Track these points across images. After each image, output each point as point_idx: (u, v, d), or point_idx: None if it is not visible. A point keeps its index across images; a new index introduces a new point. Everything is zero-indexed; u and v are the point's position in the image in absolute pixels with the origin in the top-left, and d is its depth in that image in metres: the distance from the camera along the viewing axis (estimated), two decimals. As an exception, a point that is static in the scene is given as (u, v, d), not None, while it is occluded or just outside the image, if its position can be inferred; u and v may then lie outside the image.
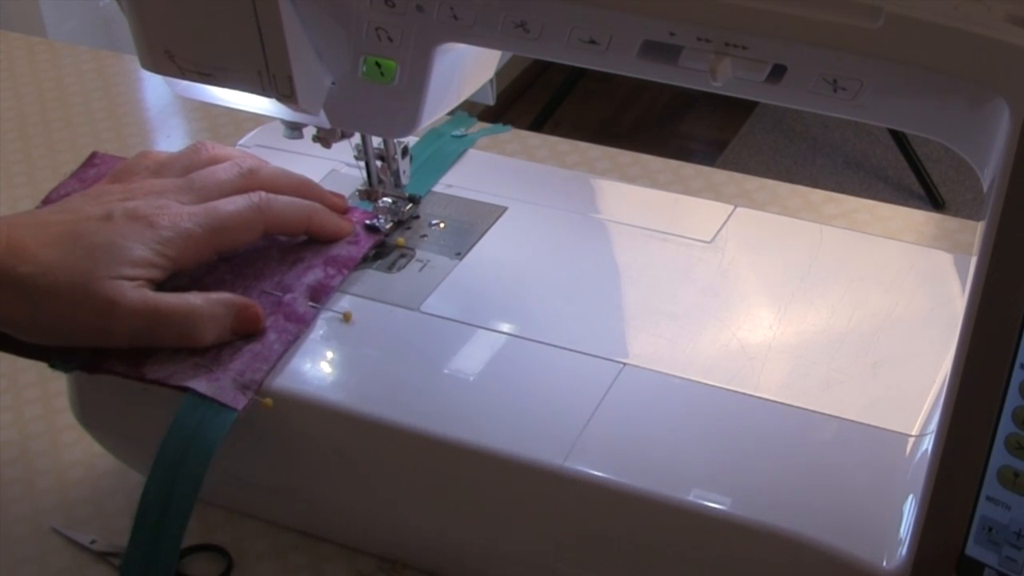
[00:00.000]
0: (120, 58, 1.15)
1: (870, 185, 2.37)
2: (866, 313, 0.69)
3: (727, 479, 0.61)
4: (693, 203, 0.79)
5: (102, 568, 0.71)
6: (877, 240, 0.75)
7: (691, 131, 2.56)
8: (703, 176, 0.95)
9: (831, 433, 0.62)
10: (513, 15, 0.58)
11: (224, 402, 0.64)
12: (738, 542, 0.59)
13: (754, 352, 0.67)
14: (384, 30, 0.62)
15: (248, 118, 0.76)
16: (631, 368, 0.66)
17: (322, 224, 0.73)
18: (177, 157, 0.73)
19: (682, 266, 0.72)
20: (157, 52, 0.67)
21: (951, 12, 0.48)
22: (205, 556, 0.71)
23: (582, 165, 0.98)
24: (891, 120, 0.56)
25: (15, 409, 0.80)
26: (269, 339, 0.67)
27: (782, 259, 0.73)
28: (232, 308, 0.67)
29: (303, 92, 0.65)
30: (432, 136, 0.83)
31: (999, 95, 0.48)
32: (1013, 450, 0.52)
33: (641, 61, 0.56)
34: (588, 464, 0.61)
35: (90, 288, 0.64)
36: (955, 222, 0.92)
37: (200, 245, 0.68)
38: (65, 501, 0.75)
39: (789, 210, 0.91)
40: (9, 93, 1.10)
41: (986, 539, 0.54)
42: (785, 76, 0.54)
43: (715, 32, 0.53)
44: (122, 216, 0.67)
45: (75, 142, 1.04)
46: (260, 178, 0.72)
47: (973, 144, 0.52)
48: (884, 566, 0.57)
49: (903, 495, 0.59)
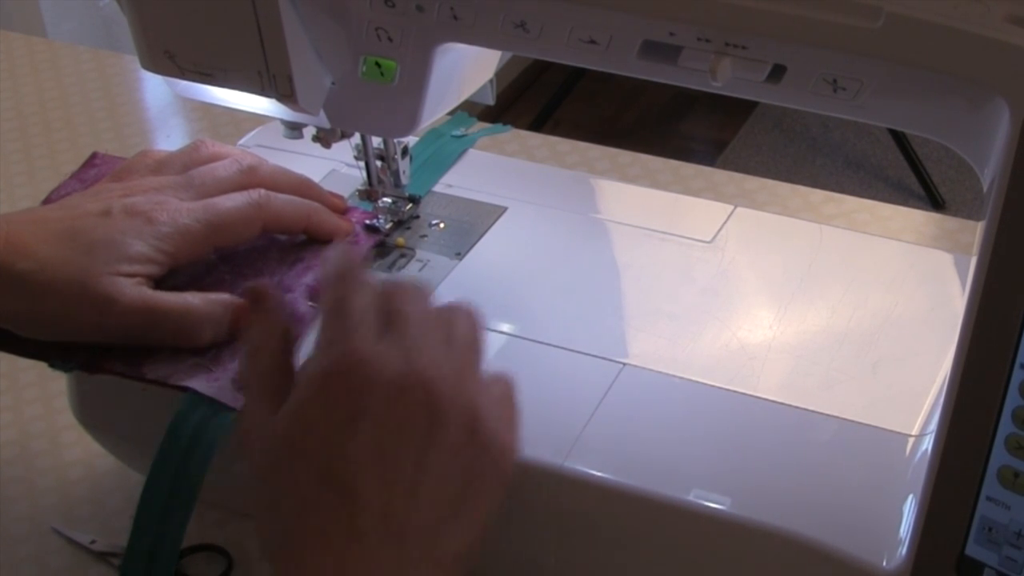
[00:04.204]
0: (120, 58, 1.15)
1: (870, 185, 2.37)
2: (866, 313, 0.69)
3: (727, 479, 0.61)
4: (693, 203, 0.79)
5: (102, 568, 0.71)
6: (877, 240, 0.75)
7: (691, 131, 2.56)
8: (703, 176, 0.95)
9: (831, 433, 0.62)
10: (513, 15, 0.58)
11: (224, 402, 0.64)
12: (738, 542, 0.59)
13: (754, 352, 0.67)
14: (384, 30, 0.62)
15: (248, 118, 0.76)
16: (631, 368, 0.66)
17: (321, 223, 0.73)
18: (177, 155, 0.73)
19: (682, 266, 0.72)
20: (157, 52, 0.67)
21: (951, 12, 0.48)
22: (205, 556, 0.71)
23: (582, 165, 0.98)
24: (891, 120, 0.56)
25: (15, 409, 0.80)
26: (269, 339, 0.67)
27: (782, 259, 0.73)
28: (230, 308, 0.67)
29: (303, 92, 0.65)
30: (432, 136, 0.83)
31: (999, 95, 0.48)
32: (1013, 450, 0.52)
33: (641, 61, 0.56)
34: (588, 464, 0.61)
35: (88, 284, 0.64)
36: (955, 222, 0.92)
37: (199, 241, 0.68)
38: (65, 501, 0.75)
39: (789, 210, 0.91)
40: (9, 93, 1.10)
41: (986, 539, 0.54)
42: (785, 76, 0.54)
43: (715, 32, 0.53)
44: (120, 212, 0.67)
45: (75, 142, 1.04)
46: (259, 176, 0.72)
47: (973, 144, 0.52)
48: (884, 566, 0.57)
49: (903, 495, 0.59)
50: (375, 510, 0.52)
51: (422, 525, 0.53)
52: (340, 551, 0.52)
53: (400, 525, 0.52)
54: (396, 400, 0.53)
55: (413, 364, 0.54)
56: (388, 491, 0.52)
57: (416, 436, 0.53)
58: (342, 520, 0.52)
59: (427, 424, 0.53)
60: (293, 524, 0.53)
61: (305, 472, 0.53)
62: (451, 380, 0.55)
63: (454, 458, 0.54)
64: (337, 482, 0.52)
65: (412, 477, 0.53)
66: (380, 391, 0.53)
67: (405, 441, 0.53)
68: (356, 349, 0.54)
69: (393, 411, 0.53)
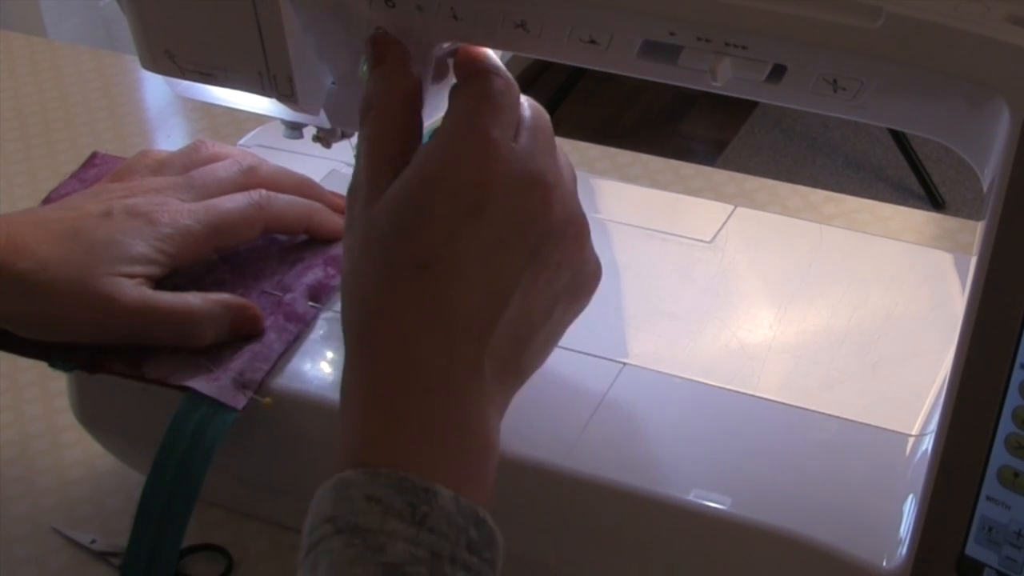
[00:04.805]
0: (120, 58, 1.15)
1: (870, 185, 2.37)
2: (866, 313, 0.69)
3: (727, 479, 0.61)
4: (693, 203, 0.79)
5: (102, 568, 0.71)
6: (877, 240, 0.75)
7: (691, 131, 2.56)
8: (703, 176, 0.95)
9: (831, 433, 0.62)
10: (513, 15, 0.58)
11: (224, 402, 0.64)
12: (738, 542, 0.59)
13: (754, 352, 0.67)
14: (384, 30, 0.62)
15: (248, 118, 0.76)
16: (631, 368, 0.66)
17: (322, 223, 0.73)
18: (177, 155, 0.73)
19: (682, 266, 0.72)
20: (157, 52, 0.67)
21: (951, 12, 0.48)
22: (205, 556, 0.71)
23: (582, 165, 0.98)
24: (891, 120, 0.56)
25: (15, 409, 0.80)
26: (269, 339, 0.67)
27: (782, 259, 0.73)
28: (231, 308, 0.67)
29: (303, 92, 0.65)
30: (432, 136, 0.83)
31: (999, 95, 0.48)
32: (1013, 450, 0.52)
33: (641, 61, 0.56)
34: (588, 464, 0.61)
35: (88, 284, 0.64)
36: (955, 222, 0.92)
37: (200, 242, 0.68)
38: (65, 501, 0.75)
39: (789, 210, 0.91)
40: (9, 93, 1.10)
41: (986, 539, 0.54)
42: (785, 76, 0.54)
43: (715, 32, 0.53)
44: (122, 213, 0.67)
45: (75, 142, 1.04)
46: (260, 176, 0.72)
47: (973, 144, 0.52)
48: (884, 566, 0.57)
49: (903, 495, 0.59)
50: (464, 308, 0.51)
51: (509, 333, 0.52)
52: (416, 339, 0.51)
53: (484, 328, 0.52)
54: (520, 201, 0.53)
55: (540, 170, 0.54)
56: (482, 292, 0.52)
57: (526, 244, 0.53)
58: (426, 308, 0.51)
59: (541, 233, 0.53)
60: (373, 303, 0.52)
61: (405, 250, 0.52)
62: (569, 194, 0.56)
63: (555, 272, 0.54)
64: (435, 269, 0.51)
65: (510, 284, 0.52)
66: (505, 187, 0.52)
67: (515, 247, 0.53)
68: (493, 141, 0.53)
69: (514, 212, 0.53)
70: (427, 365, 0.51)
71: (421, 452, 0.50)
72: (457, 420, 0.51)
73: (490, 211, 0.52)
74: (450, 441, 0.51)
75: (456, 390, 0.51)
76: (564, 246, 0.55)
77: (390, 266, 0.52)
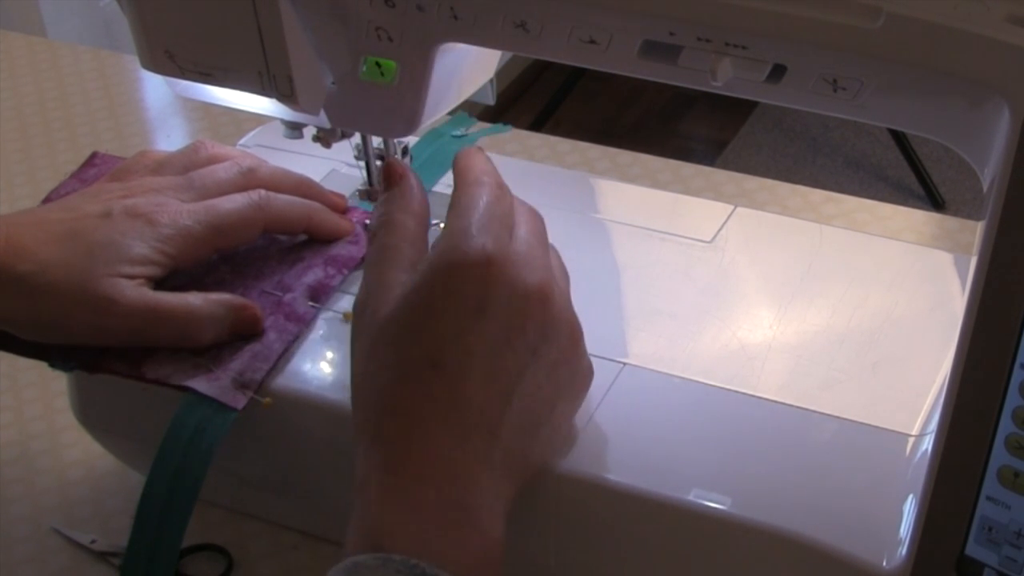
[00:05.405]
0: (120, 58, 1.15)
1: (870, 185, 2.37)
2: (866, 313, 0.69)
3: (727, 479, 0.61)
4: (693, 203, 0.79)
5: (102, 568, 0.71)
6: (877, 240, 0.75)
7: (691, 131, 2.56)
8: (703, 176, 0.95)
9: (831, 433, 0.62)
10: (513, 15, 0.58)
11: (224, 402, 0.64)
12: (738, 542, 0.59)
13: (754, 352, 0.67)
14: (384, 30, 0.62)
15: (248, 118, 0.76)
16: (631, 368, 0.66)
17: (322, 223, 0.73)
18: (177, 156, 0.73)
19: (682, 266, 0.72)
20: (157, 52, 0.67)
21: (951, 12, 0.48)
22: (205, 556, 0.71)
23: (582, 165, 0.98)
24: (891, 120, 0.56)
25: (15, 409, 0.80)
26: (269, 339, 0.67)
27: (782, 259, 0.73)
28: (231, 309, 0.67)
29: (303, 92, 0.65)
30: (432, 136, 0.83)
31: (999, 95, 0.48)
32: (1013, 450, 0.52)
33: (641, 61, 0.56)
34: (588, 464, 0.61)
35: (88, 286, 0.64)
36: (955, 222, 0.92)
37: (200, 243, 0.68)
38: (65, 501, 0.75)
39: (789, 210, 0.91)
40: (9, 93, 1.10)
41: (986, 539, 0.54)
42: (785, 76, 0.54)
43: (715, 32, 0.53)
44: (121, 214, 0.67)
45: (75, 142, 1.04)
46: (260, 177, 0.72)
47: (973, 144, 0.52)
48: (884, 566, 0.57)
49: (903, 495, 0.59)
50: (476, 403, 0.54)
51: (515, 426, 0.55)
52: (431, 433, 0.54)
53: (494, 422, 0.55)
54: (519, 305, 0.56)
55: (537, 273, 0.57)
56: (490, 388, 0.55)
57: (527, 343, 0.56)
58: (440, 403, 0.54)
59: (539, 333, 0.56)
60: (388, 400, 0.55)
61: (416, 350, 0.55)
62: (564, 295, 0.59)
63: (553, 369, 0.57)
64: (446, 367, 0.54)
65: (513, 380, 0.56)
66: (505, 292, 0.56)
67: (517, 346, 0.56)
68: (489, 248, 0.56)
69: (514, 314, 0.56)
70: (444, 458, 0.54)
71: (433, 541, 0.52)
72: (468, 511, 0.53)
73: (491, 311, 0.55)
74: (461, 531, 0.53)
75: (469, 483, 0.54)
76: (561, 345, 0.58)
77: (403, 365, 0.55)
